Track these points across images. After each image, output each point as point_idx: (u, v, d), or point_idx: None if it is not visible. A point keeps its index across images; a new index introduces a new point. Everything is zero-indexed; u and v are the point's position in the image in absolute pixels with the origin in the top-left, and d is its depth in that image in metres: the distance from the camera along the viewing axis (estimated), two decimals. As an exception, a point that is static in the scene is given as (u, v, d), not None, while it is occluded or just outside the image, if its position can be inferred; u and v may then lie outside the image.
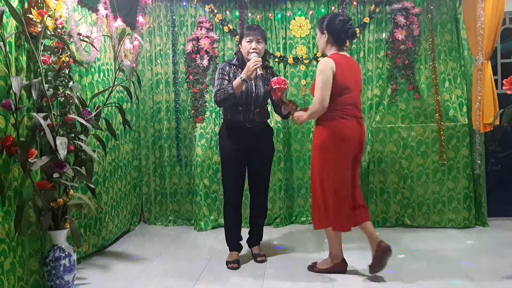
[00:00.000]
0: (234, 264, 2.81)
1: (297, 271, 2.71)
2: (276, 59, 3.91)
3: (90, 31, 2.85)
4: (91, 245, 3.00)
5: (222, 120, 3.01)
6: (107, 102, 2.70)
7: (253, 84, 2.81)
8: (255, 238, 3.00)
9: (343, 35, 2.62)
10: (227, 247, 2.96)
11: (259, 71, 2.65)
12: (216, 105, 3.21)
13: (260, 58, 2.71)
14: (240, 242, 2.97)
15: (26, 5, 2.29)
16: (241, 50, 2.84)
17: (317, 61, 3.91)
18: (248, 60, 2.72)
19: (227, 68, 2.84)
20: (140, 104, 3.96)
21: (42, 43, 2.21)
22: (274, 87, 2.65)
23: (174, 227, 3.95)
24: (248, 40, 2.77)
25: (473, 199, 3.64)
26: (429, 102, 3.75)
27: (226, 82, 2.78)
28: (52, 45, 2.39)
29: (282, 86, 2.64)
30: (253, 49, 2.74)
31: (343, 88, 2.56)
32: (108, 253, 3.18)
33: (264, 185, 2.98)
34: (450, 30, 3.78)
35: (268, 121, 2.97)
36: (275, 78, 2.68)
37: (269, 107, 3.03)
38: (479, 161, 3.54)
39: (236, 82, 2.68)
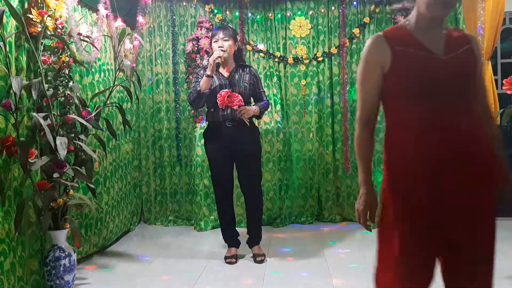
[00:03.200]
0: (231, 259, 2.89)
1: (297, 271, 2.71)
2: (276, 59, 3.91)
3: (90, 31, 2.85)
4: (92, 244, 3.00)
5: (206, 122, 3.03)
6: (107, 102, 2.70)
7: (228, 83, 2.85)
8: (254, 237, 3.00)
9: None
10: (227, 247, 3.00)
11: (217, 61, 2.74)
12: (192, 107, 3.23)
13: (221, 52, 2.77)
14: (238, 237, 3.02)
15: (26, 5, 2.29)
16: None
17: (317, 61, 3.91)
18: None
19: (202, 71, 2.91)
20: (140, 104, 3.96)
21: (42, 43, 2.21)
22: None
23: (174, 227, 3.95)
24: (214, 40, 2.87)
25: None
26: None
27: (198, 84, 2.85)
28: (52, 45, 2.39)
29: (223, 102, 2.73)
30: (218, 47, 2.81)
31: None
32: (108, 253, 3.17)
33: (255, 184, 2.97)
34: (450, 30, 3.77)
35: (253, 119, 2.95)
36: (223, 93, 2.74)
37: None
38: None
39: (202, 79, 2.79)
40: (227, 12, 3.94)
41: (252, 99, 3.01)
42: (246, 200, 3.01)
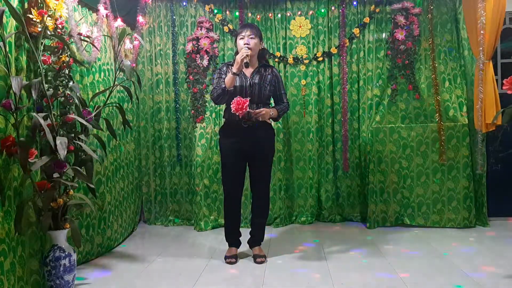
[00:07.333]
0: (231, 259, 2.89)
1: (297, 272, 2.71)
2: (276, 59, 3.91)
3: (90, 31, 2.85)
4: (96, 245, 3.01)
5: (223, 119, 3.02)
6: (107, 102, 2.70)
7: (249, 82, 2.84)
8: (256, 238, 3.00)
9: None
10: (227, 247, 3.00)
11: (245, 60, 2.71)
12: (214, 104, 3.23)
13: (249, 51, 2.75)
14: (239, 238, 3.02)
15: (26, 5, 2.29)
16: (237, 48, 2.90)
17: (317, 61, 3.92)
18: None
19: (224, 68, 2.91)
20: (140, 104, 3.96)
21: (42, 43, 2.21)
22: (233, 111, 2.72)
23: (174, 227, 3.95)
24: (241, 37, 2.85)
25: (473, 199, 3.64)
26: (429, 102, 3.76)
27: (222, 80, 2.84)
28: (52, 45, 2.39)
29: (239, 111, 2.69)
30: (244, 44, 2.79)
31: None
32: (108, 253, 3.17)
33: (264, 186, 2.97)
34: (450, 30, 3.78)
35: (269, 121, 2.96)
36: (235, 99, 2.70)
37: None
38: (481, 161, 3.54)
39: (227, 77, 2.78)
40: (227, 12, 3.94)
41: (272, 100, 3.02)
42: (253, 201, 3.01)
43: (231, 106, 2.71)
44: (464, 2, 3.54)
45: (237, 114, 2.70)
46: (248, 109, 2.70)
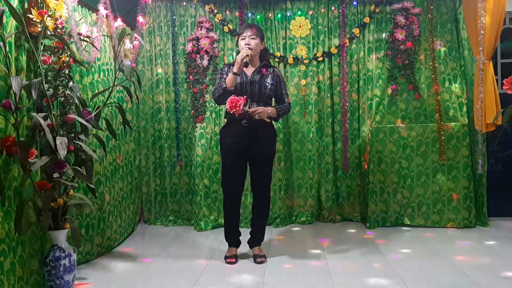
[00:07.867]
0: (231, 259, 2.89)
1: (296, 272, 2.71)
2: (276, 59, 3.91)
3: (90, 31, 2.85)
4: (96, 245, 3.01)
5: (224, 120, 3.02)
6: (107, 102, 2.70)
7: (249, 80, 2.84)
8: (256, 238, 3.00)
9: None
10: (227, 247, 3.00)
11: (245, 60, 2.73)
12: (215, 104, 3.23)
13: (249, 50, 2.76)
14: (239, 238, 3.01)
15: (26, 5, 2.29)
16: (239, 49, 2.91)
17: (317, 61, 3.92)
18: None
19: (226, 68, 2.92)
20: (140, 104, 3.96)
21: (42, 43, 2.21)
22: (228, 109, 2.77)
23: (174, 227, 3.95)
24: (242, 38, 2.86)
25: (473, 199, 3.64)
26: (429, 102, 3.76)
27: (223, 80, 2.86)
28: (52, 45, 2.39)
29: (235, 110, 2.73)
30: (245, 44, 2.81)
31: None
32: (109, 253, 3.17)
33: (265, 186, 2.97)
34: (450, 30, 3.78)
35: (267, 120, 2.95)
36: (230, 98, 2.75)
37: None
38: (481, 161, 3.54)
39: (228, 77, 2.80)
40: (227, 12, 3.94)
41: (273, 100, 3.02)
42: (254, 201, 3.01)
43: (226, 104, 2.72)
44: (464, 2, 3.55)
45: (232, 112, 2.71)
46: (242, 107, 2.71)
